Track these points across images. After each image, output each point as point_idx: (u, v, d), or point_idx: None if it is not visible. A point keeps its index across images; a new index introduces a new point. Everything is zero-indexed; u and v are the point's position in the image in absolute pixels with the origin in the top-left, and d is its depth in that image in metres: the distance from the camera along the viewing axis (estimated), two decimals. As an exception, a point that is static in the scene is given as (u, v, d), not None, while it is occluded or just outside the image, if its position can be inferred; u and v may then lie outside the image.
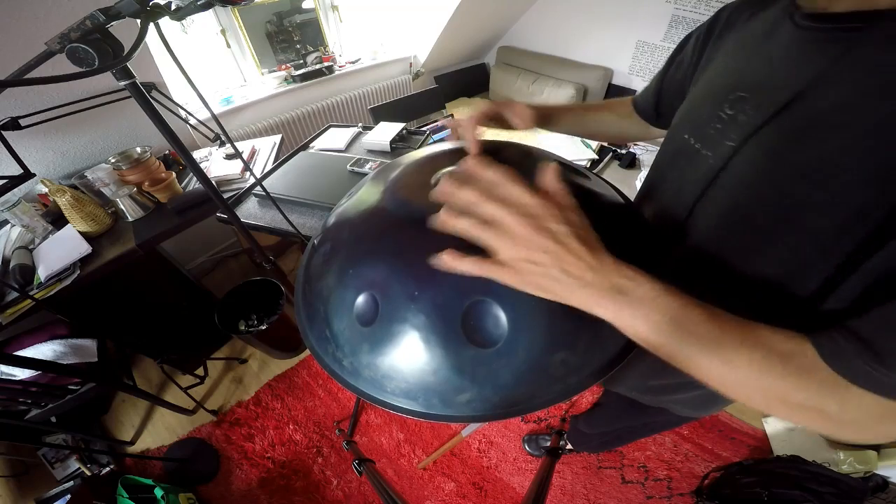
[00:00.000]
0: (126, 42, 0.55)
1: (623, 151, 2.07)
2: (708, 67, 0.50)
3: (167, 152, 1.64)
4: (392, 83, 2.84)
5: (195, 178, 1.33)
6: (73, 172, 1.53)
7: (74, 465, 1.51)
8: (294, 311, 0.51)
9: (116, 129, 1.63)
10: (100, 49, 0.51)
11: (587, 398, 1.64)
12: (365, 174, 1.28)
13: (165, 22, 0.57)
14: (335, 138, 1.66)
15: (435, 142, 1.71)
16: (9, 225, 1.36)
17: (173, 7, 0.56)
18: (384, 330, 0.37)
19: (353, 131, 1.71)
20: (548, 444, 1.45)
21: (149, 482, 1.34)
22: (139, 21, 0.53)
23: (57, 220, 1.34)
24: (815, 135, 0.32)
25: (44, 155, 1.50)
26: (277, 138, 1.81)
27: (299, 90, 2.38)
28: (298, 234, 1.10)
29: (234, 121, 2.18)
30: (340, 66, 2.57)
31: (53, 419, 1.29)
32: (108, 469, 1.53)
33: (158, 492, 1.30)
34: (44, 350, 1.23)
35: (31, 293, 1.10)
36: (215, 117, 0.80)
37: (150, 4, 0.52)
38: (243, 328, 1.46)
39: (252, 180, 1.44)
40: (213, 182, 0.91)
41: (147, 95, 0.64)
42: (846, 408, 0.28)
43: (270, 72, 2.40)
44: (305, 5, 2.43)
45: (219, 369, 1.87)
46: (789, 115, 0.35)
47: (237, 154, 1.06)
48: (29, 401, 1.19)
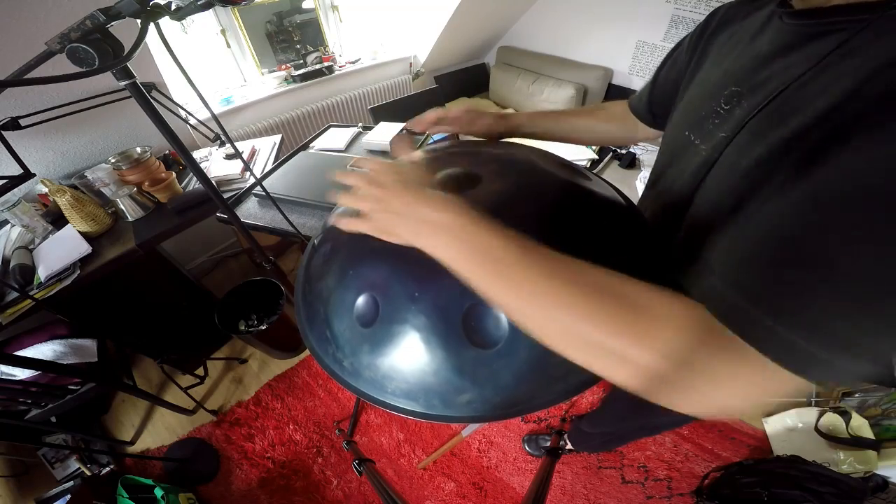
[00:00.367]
0: (126, 42, 0.55)
1: (623, 151, 2.07)
2: (703, 66, 0.51)
3: (167, 152, 1.64)
4: (392, 83, 2.84)
5: (195, 178, 1.33)
6: (73, 172, 1.53)
7: (74, 465, 1.51)
8: (294, 311, 0.51)
9: (116, 129, 1.63)
10: (100, 49, 0.51)
11: (587, 398, 1.64)
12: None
13: (165, 22, 0.57)
14: (335, 138, 1.66)
15: (435, 142, 1.71)
16: (9, 225, 1.36)
17: (173, 7, 0.56)
18: (384, 331, 0.37)
19: (353, 131, 1.71)
20: (548, 444, 1.45)
21: (149, 482, 1.34)
22: (139, 21, 0.53)
23: (57, 220, 1.34)
24: (797, 112, 0.33)
25: (44, 155, 1.50)
26: (277, 138, 1.81)
27: (299, 90, 2.38)
28: (298, 234, 1.10)
29: (234, 121, 2.17)
30: (340, 66, 2.57)
31: (53, 419, 1.29)
32: (108, 469, 1.53)
33: (158, 492, 1.30)
34: (44, 350, 1.23)
35: (31, 293, 1.10)
36: (215, 117, 0.80)
37: (150, 4, 0.52)
38: (243, 328, 1.46)
39: (252, 180, 1.44)
40: (213, 182, 0.91)
41: (147, 95, 0.64)
42: (671, 362, 0.27)
43: (270, 72, 2.40)
44: (305, 5, 2.43)
45: (219, 369, 1.87)
46: (775, 102, 0.36)
47: (237, 154, 1.06)
48: (29, 401, 1.19)
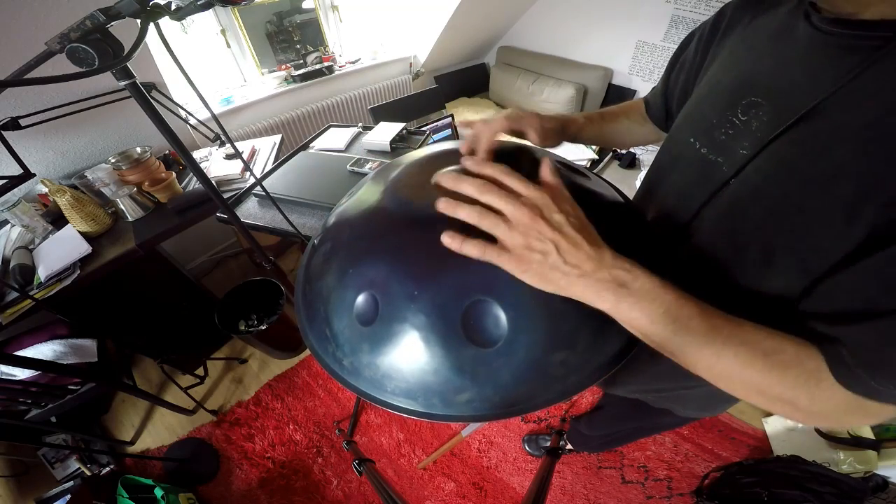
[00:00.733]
0: (126, 42, 0.55)
1: (623, 151, 2.08)
2: (711, 68, 0.49)
3: (167, 152, 1.64)
4: (392, 83, 2.84)
5: (195, 178, 1.33)
6: (73, 172, 1.53)
7: (74, 465, 1.51)
8: (294, 311, 0.51)
9: (116, 129, 1.63)
10: (100, 49, 0.51)
11: (587, 398, 1.64)
12: (365, 174, 1.28)
13: (165, 22, 0.57)
14: (335, 138, 1.66)
15: (435, 142, 1.71)
16: (9, 225, 1.36)
17: (173, 7, 0.56)
18: (384, 330, 0.37)
19: (353, 131, 1.71)
20: (548, 444, 1.45)
21: (149, 482, 1.34)
22: (139, 21, 0.53)
23: (57, 220, 1.34)
24: (835, 148, 0.31)
25: (44, 155, 1.50)
26: (277, 138, 1.81)
27: (299, 90, 2.38)
28: (298, 234, 1.10)
29: (234, 121, 2.17)
30: (340, 66, 2.57)
31: (53, 419, 1.29)
32: (108, 469, 1.54)
33: (158, 492, 1.30)
34: (44, 350, 1.23)
35: (31, 293, 1.10)
36: (215, 117, 0.80)
37: (150, 4, 0.52)
38: (243, 328, 1.46)
39: (252, 180, 1.44)
40: (213, 182, 0.91)
41: (147, 95, 0.64)
42: (815, 401, 0.31)
43: (270, 72, 2.40)
44: (305, 5, 2.43)
45: (219, 369, 1.87)
46: (808, 126, 0.34)
47: (237, 154, 1.06)
48: (29, 401, 1.19)
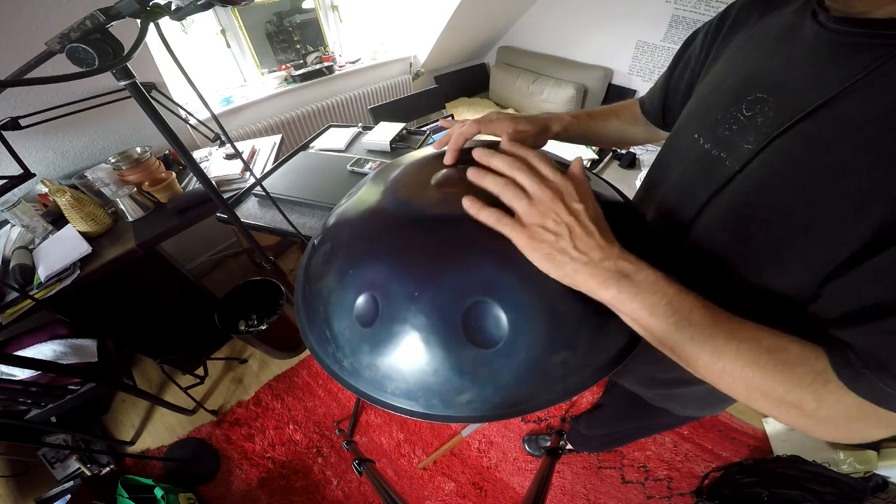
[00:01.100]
0: (126, 42, 0.55)
1: (623, 151, 2.08)
2: (716, 65, 0.49)
3: (167, 152, 1.64)
4: (392, 83, 2.84)
5: (195, 178, 1.33)
6: (73, 172, 1.53)
7: (74, 465, 1.51)
8: (294, 311, 0.51)
9: (116, 129, 1.63)
10: (100, 49, 0.51)
11: (587, 398, 1.64)
12: (365, 174, 1.28)
13: (165, 22, 0.57)
14: (335, 138, 1.66)
15: (435, 142, 1.71)
16: (9, 225, 1.36)
17: (173, 7, 0.56)
18: (384, 330, 0.37)
19: (353, 131, 1.71)
20: (548, 444, 1.45)
21: (149, 482, 1.34)
22: (139, 21, 0.53)
23: (57, 220, 1.34)
24: (845, 144, 0.32)
25: (44, 155, 1.50)
26: (277, 138, 1.81)
27: (299, 90, 2.38)
28: (298, 234, 1.10)
29: (234, 121, 2.17)
30: (340, 66, 2.57)
31: (53, 419, 1.29)
32: (108, 469, 1.54)
33: (158, 492, 1.30)
34: (44, 350, 1.23)
35: (31, 293, 1.10)
36: (215, 117, 0.80)
37: (150, 4, 0.52)
38: (243, 328, 1.46)
39: (252, 180, 1.43)
40: (213, 182, 0.91)
41: (147, 95, 0.63)
42: (822, 405, 0.30)
43: (270, 72, 2.40)
44: (305, 5, 2.43)
45: (219, 369, 1.87)
46: (815, 122, 0.34)
47: (237, 154, 1.06)
48: (29, 401, 1.19)
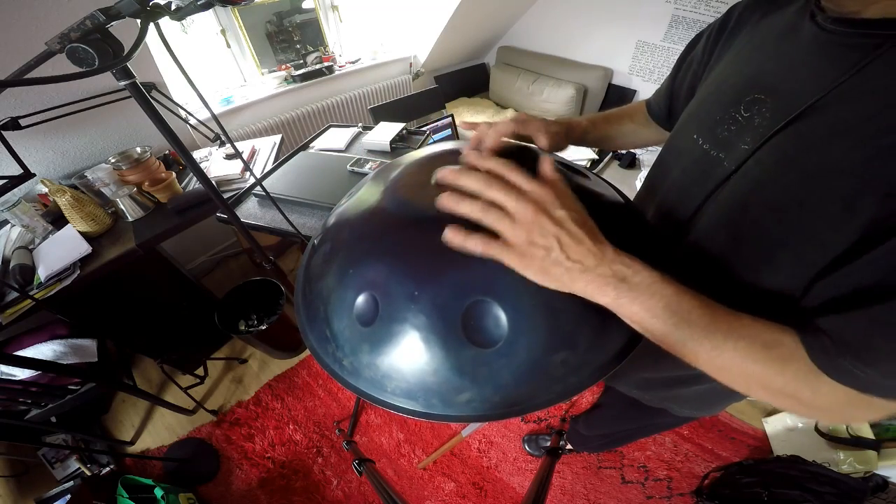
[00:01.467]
0: (126, 42, 0.55)
1: (623, 152, 2.08)
2: (718, 67, 0.49)
3: (167, 152, 1.64)
4: (392, 83, 2.84)
5: (195, 178, 1.33)
6: (73, 172, 1.53)
7: (74, 465, 1.51)
8: (294, 311, 0.51)
9: (116, 129, 1.63)
10: (100, 49, 0.51)
11: (587, 398, 1.64)
12: (365, 174, 1.28)
13: (165, 22, 0.57)
14: (335, 138, 1.66)
15: (435, 142, 1.71)
16: (9, 225, 1.36)
17: (173, 7, 0.56)
18: (384, 330, 0.37)
19: (353, 131, 1.71)
20: (548, 444, 1.45)
21: (149, 482, 1.34)
22: (139, 21, 0.53)
23: (57, 220, 1.34)
24: (835, 143, 0.32)
25: (44, 155, 1.50)
26: (277, 138, 1.81)
27: (299, 90, 2.38)
28: (298, 234, 1.10)
29: (234, 121, 2.17)
30: (340, 66, 2.57)
31: (53, 419, 1.29)
32: (108, 469, 1.54)
33: (158, 492, 1.30)
34: (44, 350, 1.23)
35: (31, 293, 1.10)
36: (215, 117, 0.80)
37: (150, 4, 0.52)
38: (243, 328, 1.46)
39: (252, 180, 1.44)
40: (213, 182, 0.91)
41: (147, 95, 0.64)
42: (818, 395, 0.31)
43: (270, 72, 2.40)
44: (305, 5, 2.43)
45: (219, 369, 1.87)
46: (809, 122, 0.34)
47: (237, 154, 1.06)
48: (29, 401, 1.19)
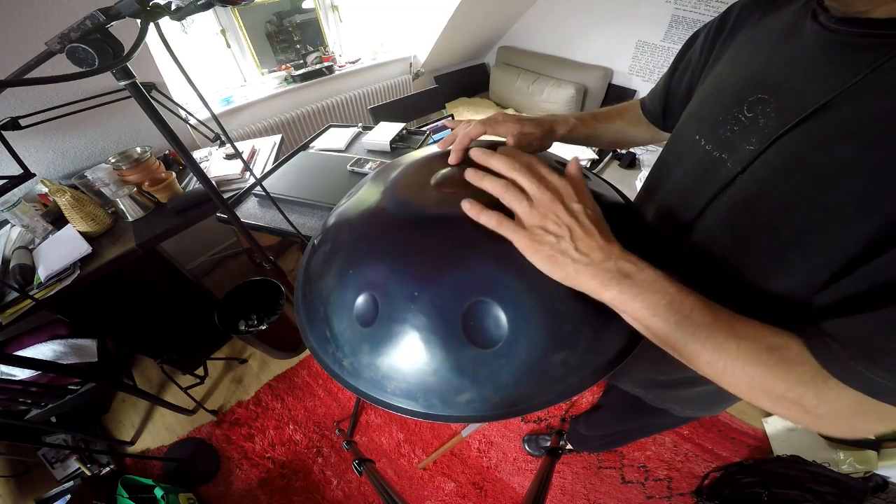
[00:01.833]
0: (126, 42, 0.55)
1: (623, 152, 2.08)
2: (717, 67, 0.49)
3: (167, 152, 1.64)
4: (392, 83, 2.84)
5: (195, 178, 1.32)
6: (73, 172, 1.53)
7: (74, 465, 1.51)
8: (294, 311, 0.51)
9: (116, 129, 1.63)
10: (100, 49, 0.51)
11: (587, 398, 1.64)
12: (365, 174, 1.28)
13: (165, 22, 0.57)
14: (335, 138, 1.66)
15: (435, 142, 1.71)
16: (9, 225, 1.36)
17: (173, 7, 0.56)
18: (384, 330, 0.37)
19: (353, 131, 1.71)
20: (548, 444, 1.45)
21: (149, 482, 1.34)
22: (139, 21, 0.53)
23: (57, 220, 1.34)
24: (847, 143, 0.31)
25: (44, 155, 1.50)
26: (277, 138, 1.81)
27: (299, 90, 2.38)
28: (298, 234, 1.10)
29: (234, 121, 2.17)
30: (340, 66, 2.57)
31: (53, 419, 1.29)
32: (108, 469, 1.54)
33: (158, 492, 1.30)
34: (44, 350, 1.23)
35: (31, 293, 1.10)
36: (215, 117, 0.80)
37: (150, 4, 0.52)
38: (243, 328, 1.46)
39: (252, 180, 1.43)
40: (213, 182, 0.91)
41: (147, 95, 0.64)
42: (823, 402, 0.30)
43: (270, 72, 2.40)
44: (305, 5, 2.43)
45: (219, 369, 1.87)
46: (817, 122, 0.34)
47: (237, 154, 1.06)
48: (29, 401, 1.19)
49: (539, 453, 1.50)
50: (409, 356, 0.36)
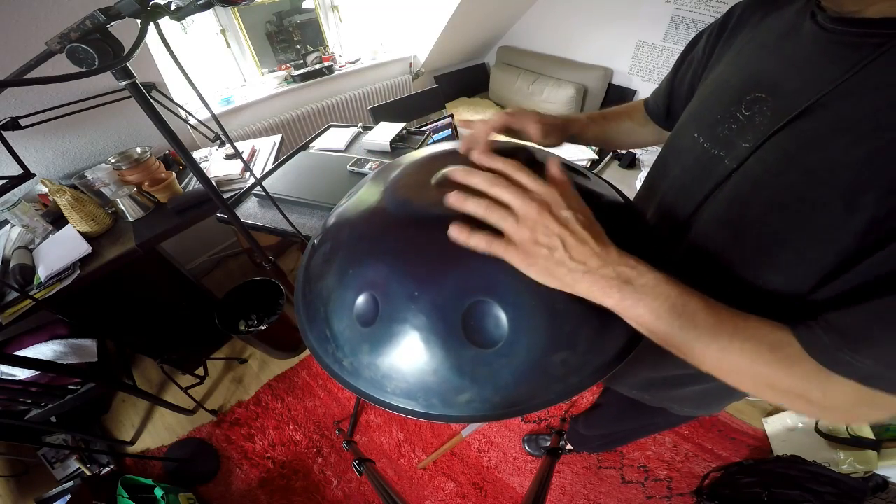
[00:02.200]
0: (126, 42, 0.55)
1: (623, 152, 2.08)
2: (718, 66, 0.49)
3: (167, 152, 1.64)
4: (392, 83, 2.84)
5: (195, 178, 1.33)
6: (73, 172, 1.53)
7: (74, 465, 1.51)
8: (294, 311, 0.51)
9: (116, 129, 1.63)
10: (100, 49, 0.51)
11: (587, 398, 1.64)
12: (365, 174, 1.28)
13: (165, 22, 0.57)
14: (335, 138, 1.66)
15: (435, 142, 1.71)
16: (9, 225, 1.36)
17: (173, 7, 0.56)
18: (384, 330, 0.37)
19: (353, 131, 1.71)
20: (548, 444, 1.45)
21: (149, 482, 1.34)
22: (139, 21, 0.53)
23: (57, 220, 1.34)
24: (837, 140, 0.32)
25: (44, 155, 1.50)
26: (277, 138, 1.80)
27: (299, 90, 2.38)
28: (298, 234, 1.10)
29: (234, 121, 2.17)
30: (340, 66, 2.57)
31: (53, 419, 1.29)
32: (108, 469, 1.54)
33: (158, 492, 1.30)
34: (44, 350, 1.23)
35: (31, 293, 1.10)
36: (215, 117, 0.80)
37: (150, 4, 0.52)
38: (243, 328, 1.46)
39: (252, 180, 1.43)
40: (213, 182, 0.91)
41: (147, 95, 0.64)
42: (828, 394, 0.30)
43: (270, 72, 2.40)
44: (305, 5, 2.43)
45: (219, 369, 1.87)
46: (810, 120, 0.34)
47: (237, 154, 1.06)
48: (29, 401, 1.19)
49: (539, 453, 1.50)
50: (410, 356, 0.36)
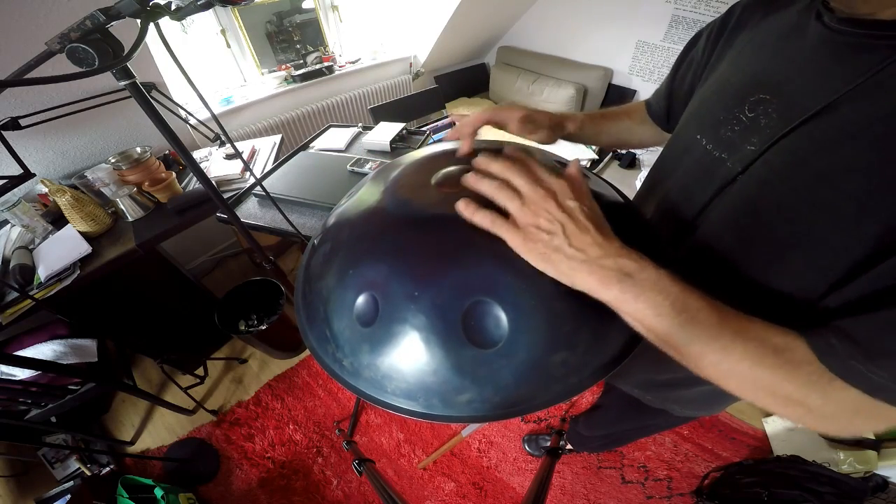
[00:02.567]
0: (126, 42, 0.55)
1: (623, 151, 2.08)
2: (719, 66, 0.49)
3: (167, 152, 1.64)
4: (392, 83, 2.84)
5: (195, 178, 1.32)
6: (73, 172, 1.53)
7: (74, 465, 1.51)
8: (294, 311, 0.51)
9: (116, 129, 1.63)
10: (100, 49, 0.51)
11: (587, 398, 1.64)
12: (365, 174, 1.28)
13: (165, 22, 0.57)
14: (335, 138, 1.66)
15: (435, 142, 1.71)
16: (9, 225, 1.36)
17: (173, 7, 0.56)
18: (384, 330, 0.37)
19: (353, 131, 1.71)
20: (548, 444, 1.45)
21: (149, 482, 1.34)
22: (139, 21, 0.53)
23: (57, 220, 1.34)
24: (849, 144, 0.31)
25: (44, 155, 1.50)
26: (277, 138, 1.81)
27: (299, 90, 2.38)
28: (298, 234, 1.10)
29: (234, 121, 2.17)
30: (340, 66, 2.57)
31: (53, 419, 1.29)
32: (108, 469, 1.54)
33: (158, 492, 1.30)
34: (44, 350, 1.23)
35: (31, 293, 1.10)
36: (215, 117, 0.80)
37: (150, 4, 0.52)
38: (243, 328, 1.46)
39: (252, 180, 1.43)
40: (213, 182, 0.91)
41: (147, 95, 0.63)
42: (828, 402, 0.30)
43: (270, 72, 2.40)
44: (305, 5, 2.43)
45: (219, 369, 1.87)
46: (820, 124, 0.34)
47: (237, 154, 1.06)
48: (29, 401, 1.19)
49: (539, 453, 1.50)
50: (410, 356, 0.36)
